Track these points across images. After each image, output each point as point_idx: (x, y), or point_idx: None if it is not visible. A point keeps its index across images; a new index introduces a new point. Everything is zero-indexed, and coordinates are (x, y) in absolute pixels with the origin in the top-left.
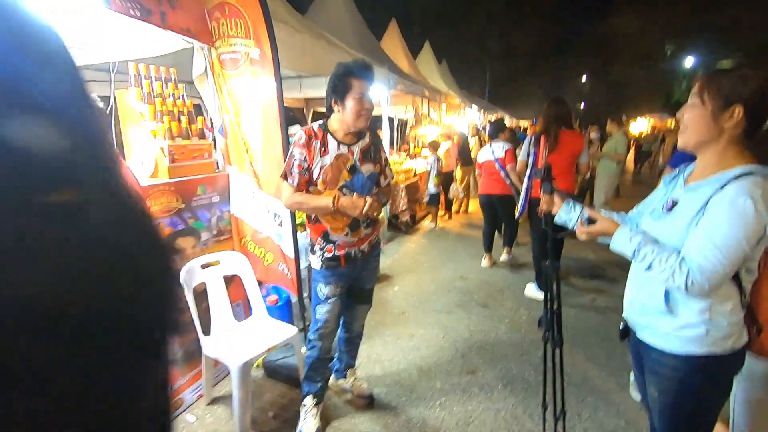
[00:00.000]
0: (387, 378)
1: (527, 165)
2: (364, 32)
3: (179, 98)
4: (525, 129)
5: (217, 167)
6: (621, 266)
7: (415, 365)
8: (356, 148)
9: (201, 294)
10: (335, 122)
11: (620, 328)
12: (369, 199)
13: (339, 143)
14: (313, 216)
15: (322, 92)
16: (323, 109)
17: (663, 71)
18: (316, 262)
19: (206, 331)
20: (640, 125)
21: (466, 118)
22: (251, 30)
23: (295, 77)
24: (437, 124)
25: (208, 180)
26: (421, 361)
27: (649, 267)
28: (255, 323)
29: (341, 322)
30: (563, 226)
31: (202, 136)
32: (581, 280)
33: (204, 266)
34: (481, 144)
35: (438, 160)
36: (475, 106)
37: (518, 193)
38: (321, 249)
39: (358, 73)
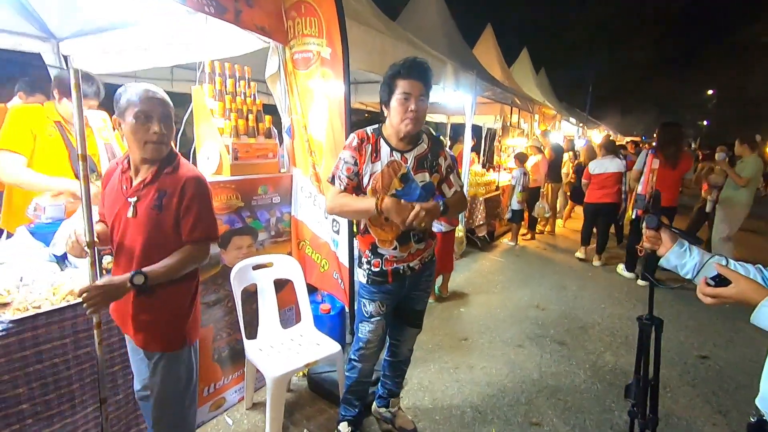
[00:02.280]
0: (436, 412)
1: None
2: (454, 37)
3: (250, 96)
4: (637, 145)
5: (283, 168)
6: None
7: (471, 403)
8: (411, 155)
9: (252, 295)
10: (388, 127)
11: (751, 421)
12: (417, 207)
13: (392, 149)
14: (362, 226)
15: None
16: None
17: None
18: (362, 276)
19: (253, 334)
20: None
21: (562, 131)
22: (324, 29)
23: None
24: (527, 135)
25: (270, 180)
26: (479, 399)
27: None
28: (300, 333)
29: (387, 344)
30: (674, 273)
31: (268, 135)
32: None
33: (256, 267)
34: (576, 157)
35: (525, 174)
36: (573, 120)
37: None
38: (368, 262)
39: (405, 72)
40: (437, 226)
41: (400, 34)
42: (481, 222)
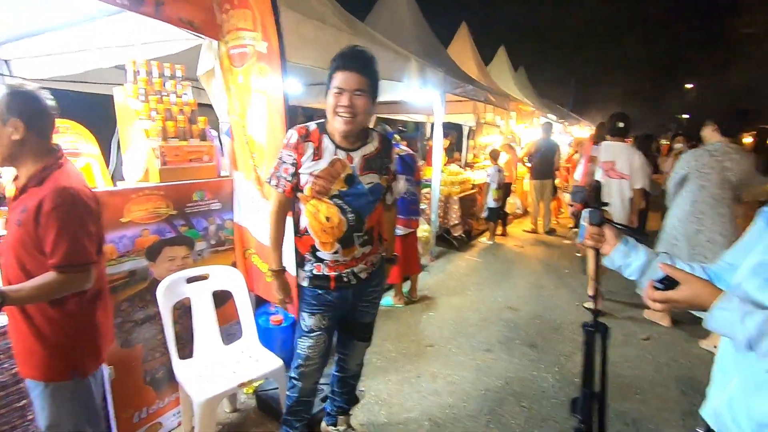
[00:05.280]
0: (390, 428)
1: None
2: (424, 34)
3: (181, 96)
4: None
5: (225, 171)
6: None
7: (430, 415)
8: (357, 155)
9: (190, 311)
10: (331, 123)
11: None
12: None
13: (337, 147)
14: (301, 227)
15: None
16: (388, 116)
17: None
18: (303, 279)
19: (191, 352)
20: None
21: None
22: (259, 21)
23: None
24: (503, 132)
25: (207, 185)
26: (439, 411)
27: None
28: (242, 349)
29: (335, 358)
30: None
31: (203, 137)
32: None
33: (191, 280)
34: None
35: (499, 171)
36: (552, 116)
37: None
38: (310, 263)
39: (341, 64)
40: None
41: (361, 31)
42: (457, 222)
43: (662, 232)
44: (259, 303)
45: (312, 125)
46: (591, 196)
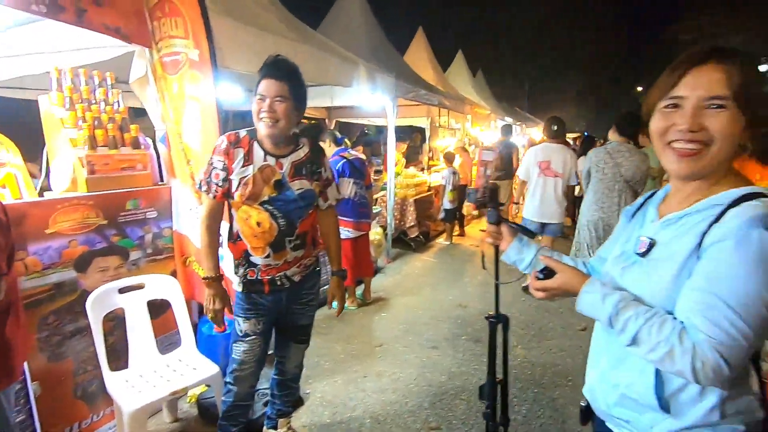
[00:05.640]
0: (333, 427)
1: None
2: (378, 40)
3: (111, 104)
4: (575, 140)
5: (161, 180)
6: None
7: (372, 413)
8: (287, 161)
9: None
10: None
11: (582, 406)
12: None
13: (266, 153)
14: (234, 232)
15: (320, 102)
16: (349, 120)
17: None
18: (236, 284)
19: (126, 363)
20: None
21: (498, 130)
22: (190, 29)
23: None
24: (460, 135)
25: (142, 193)
26: (381, 409)
27: (634, 341)
28: (179, 358)
29: (275, 361)
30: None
31: (136, 145)
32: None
33: (124, 290)
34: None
35: (454, 173)
36: (509, 118)
37: None
38: (243, 267)
39: (263, 72)
40: (344, 233)
41: (307, 37)
42: (413, 223)
43: (579, 218)
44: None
45: (242, 132)
46: (489, 197)
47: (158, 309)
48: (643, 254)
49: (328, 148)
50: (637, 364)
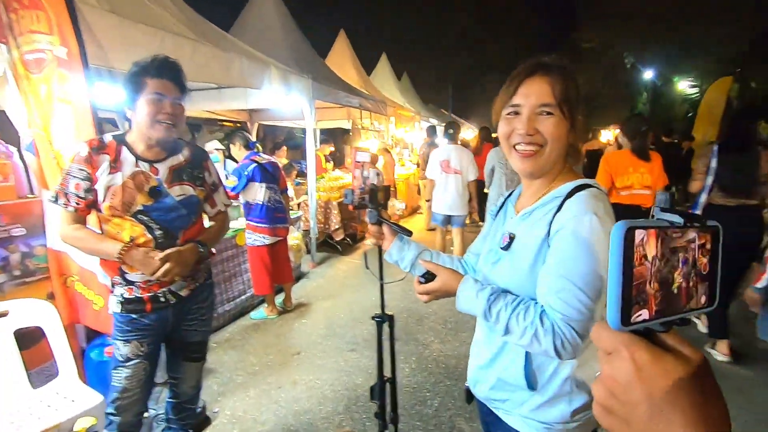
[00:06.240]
0: None
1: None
2: (295, 42)
3: None
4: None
5: (31, 192)
6: None
7: (284, 424)
8: (163, 166)
9: None
10: (134, 132)
11: (466, 386)
12: (168, 265)
13: (138, 158)
14: None
15: (234, 104)
16: (274, 123)
17: (626, 83)
18: (114, 305)
19: None
20: (607, 136)
21: (423, 132)
22: (55, 24)
23: (215, 88)
24: (382, 137)
25: (4, 209)
26: (294, 419)
27: (507, 331)
28: (57, 390)
29: (168, 383)
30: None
31: None
32: None
33: None
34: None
35: (378, 174)
36: (435, 120)
37: None
38: (120, 286)
39: (156, 72)
40: (255, 239)
41: (209, 37)
42: (338, 226)
43: (486, 211)
44: (94, 335)
45: (107, 137)
46: (368, 198)
47: (31, 338)
48: (506, 248)
49: (238, 151)
50: (511, 352)
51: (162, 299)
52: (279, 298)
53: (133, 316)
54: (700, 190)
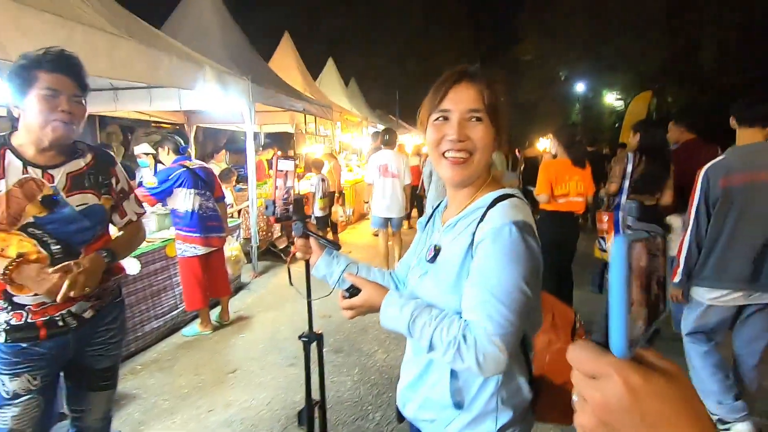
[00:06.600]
0: None
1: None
2: (235, 42)
3: None
4: None
5: None
6: None
7: None
8: (59, 172)
9: None
10: (22, 134)
11: (396, 406)
12: (68, 281)
13: (27, 164)
14: None
15: (165, 105)
16: (210, 125)
17: (563, 95)
18: None
19: None
20: (543, 145)
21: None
22: None
23: (144, 88)
24: (327, 141)
25: None
26: None
27: (431, 348)
28: None
29: (70, 418)
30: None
31: None
32: None
33: None
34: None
35: (323, 180)
36: (382, 126)
37: None
38: (5, 312)
39: (50, 65)
40: (186, 249)
41: (133, 32)
42: (280, 234)
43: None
44: None
45: None
46: (294, 210)
47: None
48: (432, 260)
49: (167, 156)
50: (437, 370)
51: (60, 323)
52: (215, 313)
53: (23, 345)
54: (617, 192)
